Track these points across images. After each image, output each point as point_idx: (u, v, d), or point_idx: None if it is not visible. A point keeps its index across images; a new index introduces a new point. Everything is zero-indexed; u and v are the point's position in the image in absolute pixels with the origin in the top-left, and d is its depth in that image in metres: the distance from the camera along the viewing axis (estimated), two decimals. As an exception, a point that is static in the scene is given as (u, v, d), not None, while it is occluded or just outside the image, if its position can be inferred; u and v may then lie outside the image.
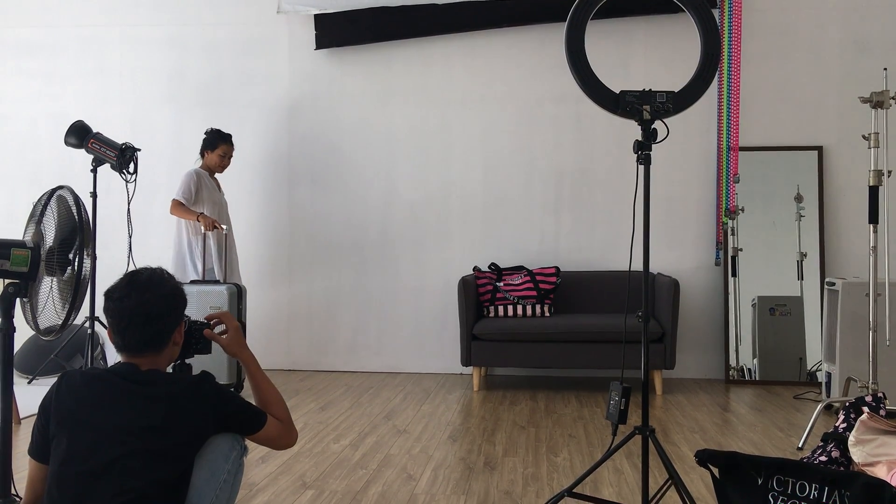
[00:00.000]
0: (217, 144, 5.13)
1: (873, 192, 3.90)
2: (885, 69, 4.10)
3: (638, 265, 5.24)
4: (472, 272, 5.37)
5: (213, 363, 4.51)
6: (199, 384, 1.95)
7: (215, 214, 5.05)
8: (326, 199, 5.74)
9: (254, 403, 2.12)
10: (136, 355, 1.95)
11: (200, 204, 5.01)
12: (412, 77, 5.69)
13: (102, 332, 5.15)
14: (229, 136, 5.18)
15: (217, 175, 5.25)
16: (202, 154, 5.18)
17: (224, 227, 4.99)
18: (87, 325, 4.93)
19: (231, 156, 5.20)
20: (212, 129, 5.21)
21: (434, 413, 4.41)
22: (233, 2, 5.81)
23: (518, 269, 5.35)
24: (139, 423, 1.84)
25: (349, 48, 5.72)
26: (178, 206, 4.95)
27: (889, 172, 3.90)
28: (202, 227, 4.90)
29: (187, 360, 2.17)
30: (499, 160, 5.62)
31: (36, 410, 1.99)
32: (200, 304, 4.58)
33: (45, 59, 5.97)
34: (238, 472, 1.99)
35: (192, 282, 4.79)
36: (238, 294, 4.69)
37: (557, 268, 5.31)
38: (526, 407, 4.56)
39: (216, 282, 4.78)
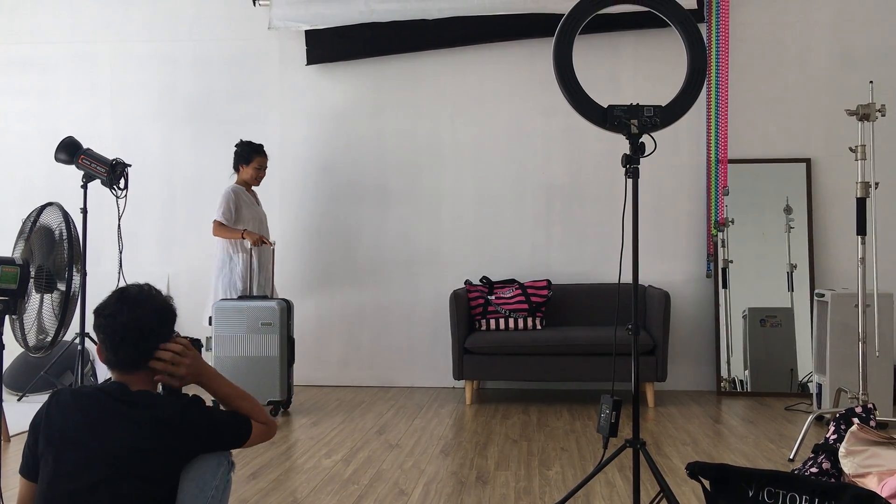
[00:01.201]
0: (252, 158, 5.05)
1: (861, 204, 3.93)
2: (871, 82, 4.15)
3: (628, 278, 5.25)
4: (464, 285, 5.37)
5: (266, 378, 4.56)
6: (187, 408, 1.94)
7: (257, 229, 5.01)
8: (317, 214, 5.74)
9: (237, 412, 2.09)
10: (129, 372, 1.94)
11: (242, 221, 4.95)
12: (403, 92, 5.71)
13: (93, 349, 5.13)
14: (261, 146, 5.11)
15: (254, 188, 5.20)
16: (236, 169, 5.10)
17: (273, 242, 4.93)
18: (77, 341, 4.91)
19: (266, 167, 5.12)
20: (242, 141, 5.14)
21: (426, 427, 4.40)
22: (224, 18, 5.83)
23: (509, 283, 5.36)
24: (126, 444, 1.84)
25: (340, 63, 5.74)
26: (220, 227, 4.89)
27: (876, 184, 3.94)
28: (248, 244, 4.86)
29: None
30: (489, 174, 5.64)
31: (26, 428, 1.98)
32: (251, 319, 4.58)
33: (35, 76, 5.97)
34: (226, 487, 1.98)
35: (240, 297, 4.75)
36: (287, 309, 4.69)
37: (549, 281, 5.32)
38: (518, 420, 4.56)
39: (264, 297, 4.76)
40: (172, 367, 1.96)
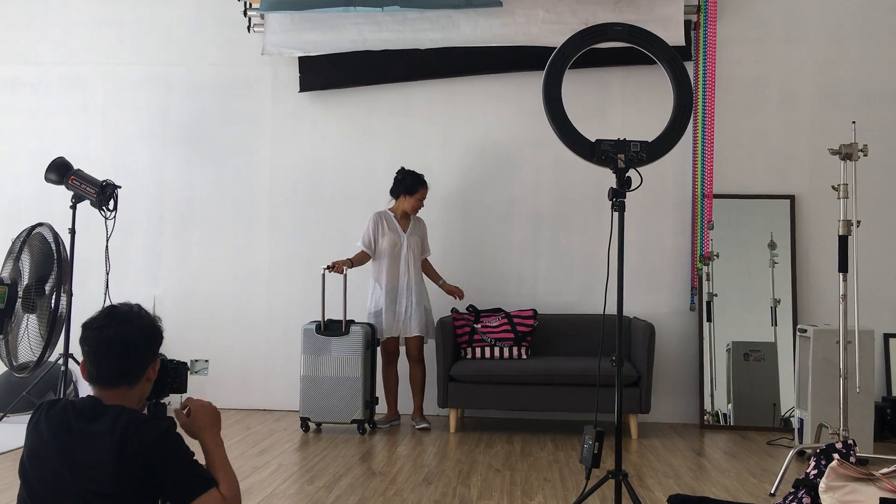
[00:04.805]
0: (416, 189, 5.11)
1: (843, 242, 3.98)
2: (854, 122, 4.22)
3: (613, 309, 5.26)
4: (450, 314, 5.38)
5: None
6: (152, 420, 1.92)
7: (391, 255, 5.09)
8: (305, 241, 5.76)
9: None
10: (109, 387, 1.94)
11: (379, 249, 5.10)
12: (394, 121, 5.76)
13: (77, 370, 5.09)
14: (424, 177, 5.18)
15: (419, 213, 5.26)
16: (395, 195, 5.18)
17: (345, 267, 5.01)
18: (60, 362, 4.87)
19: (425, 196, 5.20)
20: (405, 170, 5.20)
21: (410, 455, 4.39)
22: (217, 42, 5.87)
23: (496, 312, 5.38)
24: (91, 461, 1.83)
25: (332, 91, 5.79)
26: (361, 252, 5.11)
27: (858, 223, 3.99)
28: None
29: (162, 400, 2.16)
30: (478, 203, 5.68)
31: (7, 447, 1.97)
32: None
33: (27, 96, 5.98)
34: None
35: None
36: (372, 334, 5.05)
37: (535, 310, 5.35)
38: (502, 449, 4.56)
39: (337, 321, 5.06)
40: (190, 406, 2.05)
